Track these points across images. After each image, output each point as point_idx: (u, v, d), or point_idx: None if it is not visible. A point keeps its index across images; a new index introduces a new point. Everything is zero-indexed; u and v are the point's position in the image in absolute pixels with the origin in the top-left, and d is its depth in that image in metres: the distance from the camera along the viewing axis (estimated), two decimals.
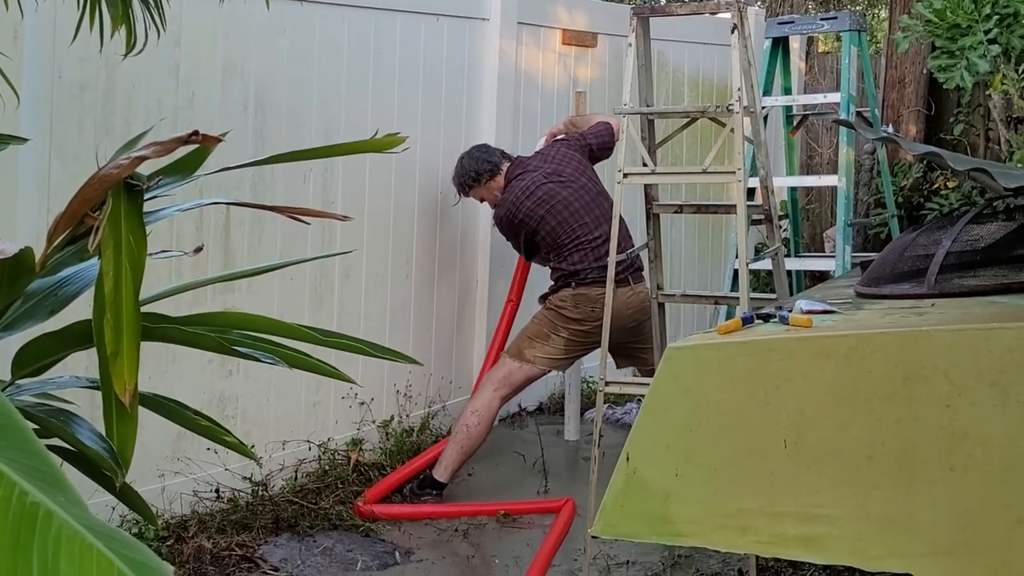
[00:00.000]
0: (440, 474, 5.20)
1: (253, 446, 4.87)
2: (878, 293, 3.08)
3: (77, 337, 2.21)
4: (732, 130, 4.23)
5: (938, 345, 2.46)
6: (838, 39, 7.72)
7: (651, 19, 4.51)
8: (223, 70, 4.64)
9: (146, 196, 2.03)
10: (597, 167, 5.58)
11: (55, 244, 2.09)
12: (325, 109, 5.06)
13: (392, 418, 5.58)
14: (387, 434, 5.53)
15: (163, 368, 4.41)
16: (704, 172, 4.28)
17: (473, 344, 6.13)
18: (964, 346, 2.44)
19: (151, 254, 2.39)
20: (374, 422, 5.48)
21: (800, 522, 2.47)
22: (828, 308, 2.88)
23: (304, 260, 4.33)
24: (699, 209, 4.79)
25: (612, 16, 6.92)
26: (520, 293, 5.89)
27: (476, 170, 5.54)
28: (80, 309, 2.27)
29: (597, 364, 4.59)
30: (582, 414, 6.18)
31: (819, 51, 10.22)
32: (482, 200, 5.67)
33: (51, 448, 2.12)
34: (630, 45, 4.36)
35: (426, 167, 5.70)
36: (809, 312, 2.81)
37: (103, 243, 1.97)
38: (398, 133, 2.12)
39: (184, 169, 2.14)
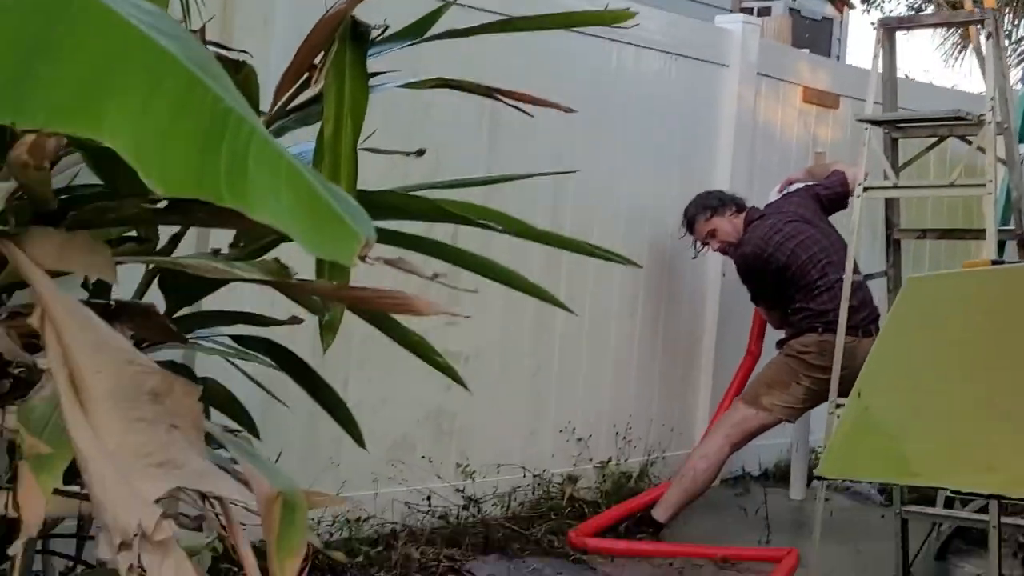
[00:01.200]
0: (660, 514, 5.02)
1: (467, 465, 4.82)
2: None
3: None
4: (981, 148, 4.01)
5: None
6: None
7: (901, 88, 4.35)
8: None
9: (372, 51, 2.03)
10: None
11: (281, 102, 2.10)
12: (556, 133, 4.96)
13: (610, 459, 5.43)
14: (604, 475, 5.38)
15: (381, 378, 4.43)
16: (952, 185, 4.06)
17: (698, 394, 5.92)
18: None
19: (373, 149, 2.39)
20: (591, 460, 5.34)
21: None
22: None
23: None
24: (943, 234, 4.47)
25: (856, 79, 6.73)
26: (760, 345, 5.66)
27: (721, 199, 5.38)
28: None
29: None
30: (809, 478, 5.89)
31: None
32: (706, 239, 5.41)
33: None
34: (875, 57, 4.22)
35: (656, 206, 5.59)
36: None
37: (326, 88, 1.97)
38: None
39: (414, 33, 2.15)
